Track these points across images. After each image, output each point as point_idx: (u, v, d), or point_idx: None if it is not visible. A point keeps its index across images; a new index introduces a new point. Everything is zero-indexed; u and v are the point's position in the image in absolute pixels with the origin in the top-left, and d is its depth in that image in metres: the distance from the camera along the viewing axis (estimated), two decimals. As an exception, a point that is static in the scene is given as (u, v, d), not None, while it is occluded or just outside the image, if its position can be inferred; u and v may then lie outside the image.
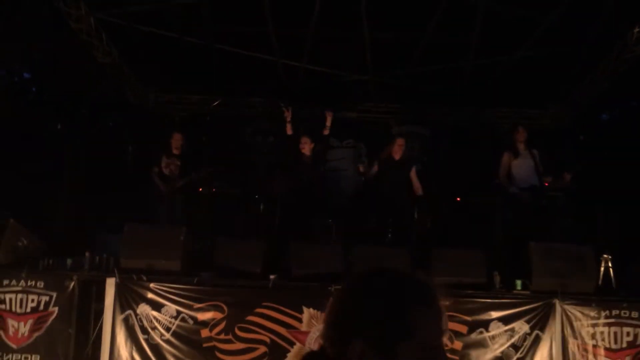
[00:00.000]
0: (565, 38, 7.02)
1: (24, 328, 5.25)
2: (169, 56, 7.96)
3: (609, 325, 5.21)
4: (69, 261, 5.59)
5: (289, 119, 7.20)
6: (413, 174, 7.01)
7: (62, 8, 6.46)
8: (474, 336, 5.22)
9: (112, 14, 6.94)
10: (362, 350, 1.09)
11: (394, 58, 7.96)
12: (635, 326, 5.22)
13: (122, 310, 5.34)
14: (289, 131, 7.24)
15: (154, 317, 5.34)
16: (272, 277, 5.47)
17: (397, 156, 6.97)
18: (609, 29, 6.74)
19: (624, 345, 5.19)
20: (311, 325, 5.32)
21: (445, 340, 1.17)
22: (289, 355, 5.27)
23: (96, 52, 7.30)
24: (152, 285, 5.39)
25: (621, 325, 5.22)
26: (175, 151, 7.33)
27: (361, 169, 7.35)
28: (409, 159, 7.22)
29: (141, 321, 5.34)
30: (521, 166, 6.84)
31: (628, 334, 5.22)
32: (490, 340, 5.22)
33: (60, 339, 5.25)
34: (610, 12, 6.37)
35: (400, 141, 7.06)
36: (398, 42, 7.61)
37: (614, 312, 5.23)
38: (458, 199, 7.93)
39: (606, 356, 5.16)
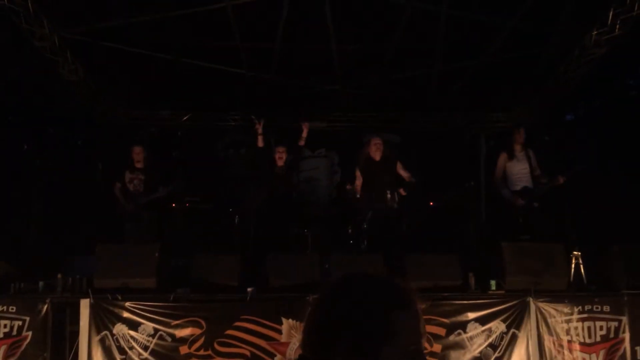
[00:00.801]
0: (527, 42, 7.20)
1: (-2, 354, 5.12)
2: (137, 72, 7.90)
3: (583, 320, 5.33)
4: (41, 284, 5.48)
5: (260, 131, 7.21)
6: (399, 167, 6.85)
7: (24, 27, 6.37)
8: (453, 338, 5.28)
9: (76, 31, 6.87)
10: (344, 354, 1.09)
11: (362, 67, 8.05)
12: (607, 320, 5.35)
13: (98, 331, 5.25)
14: (260, 143, 7.25)
15: (131, 337, 5.26)
16: (249, 289, 5.45)
17: (377, 157, 6.82)
18: (569, 32, 6.94)
19: (598, 339, 5.31)
20: (291, 336, 5.31)
21: (424, 343, 1.18)
22: (270, 367, 5.24)
23: (61, 69, 7.20)
24: (127, 304, 5.31)
25: (594, 319, 5.34)
26: (137, 165, 7.13)
27: (348, 186, 7.01)
28: (389, 155, 7.03)
29: (118, 341, 5.25)
30: (516, 168, 6.89)
31: (601, 328, 5.35)
32: (469, 341, 5.29)
33: (35, 364, 5.13)
34: (569, 16, 6.57)
35: (376, 140, 6.90)
36: (365, 52, 7.70)
37: (587, 307, 5.35)
38: (431, 203, 8.03)
39: (581, 351, 5.27)
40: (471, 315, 5.34)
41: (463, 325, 5.31)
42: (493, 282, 5.59)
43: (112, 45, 7.08)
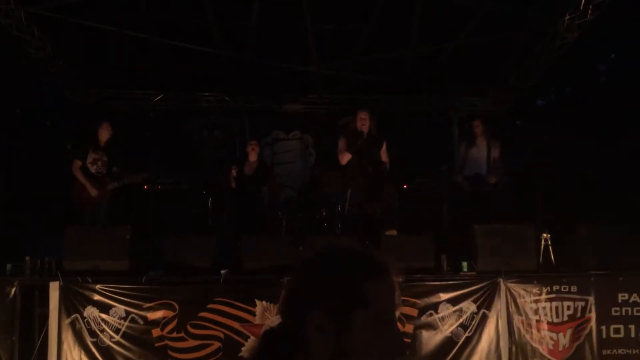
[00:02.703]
0: (502, 25, 7.23)
1: (-37, 338, 5.02)
2: (108, 50, 7.71)
3: (551, 300, 5.45)
4: (8, 267, 5.37)
5: (234, 175, 7.08)
6: (383, 148, 6.72)
7: (-12, 3, 6.16)
8: (424, 319, 5.35)
9: (44, 7, 6.65)
10: (319, 320, 1.12)
11: (338, 48, 8.00)
12: (575, 300, 5.48)
13: (68, 314, 5.18)
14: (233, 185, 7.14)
15: (102, 319, 5.20)
16: (223, 272, 5.42)
17: (366, 129, 6.55)
18: (543, 16, 7.00)
19: (565, 318, 5.44)
20: (265, 318, 5.31)
21: (397, 314, 1.20)
22: (244, 349, 5.24)
23: (28, 47, 7.00)
24: (98, 286, 5.24)
25: (562, 300, 5.46)
26: (102, 144, 6.75)
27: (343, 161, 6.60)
28: (377, 132, 6.86)
29: (89, 324, 5.19)
30: (474, 155, 7.13)
31: (569, 307, 5.47)
32: (440, 321, 5.36)
33: (3, 348, 5.05)
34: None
35: (362, 114, 6.60)
36: (341, 33, 7.64)
37: (555, 288, 5.47)
38: (405, 185, 8.07)
39: (549, 330, 5.40)
40: (443, 296, 5.41)
41: (435, 306, 5.38)
42: (465, 264, 5.66)
43: (82, 22, 6.88)
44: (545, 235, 5.75)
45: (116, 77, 8.59)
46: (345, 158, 6.58)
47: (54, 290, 5.16)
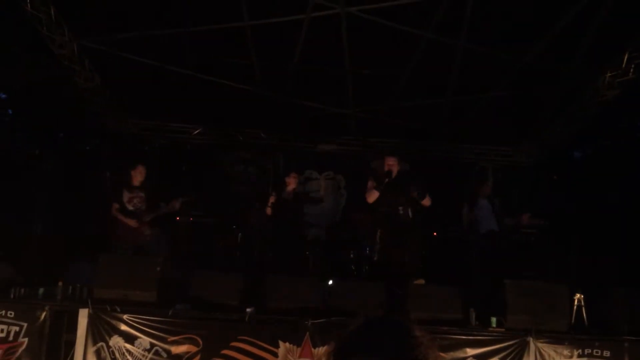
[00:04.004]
0: (540, 78, 7.23)
1: (-8, 359, 5.10)
2: (152, 84, 7.96)
3: (582, 363, 5.27)
4: (41, 291, 5.47)
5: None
6: (413, 190, 6.48)
7: (44, 34, 6.46)
8: (450, 373, 5.22)
9: (96, 40, 6.95)
10: None
11: (375, 93, 8.10)
12: (607, 365, 5.28)
13: (94, 342, 5.22)
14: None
15: (127, 350, 5.22)
16: (248, 310, 5.42)
17: (393, 173, 6.49)
18: (583, 71, 6.98)
19: (597, 383, 5.24)
20: (287, 360, 5.26)
21: None
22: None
23: (78, 77, 7.29)
24: (125, 316, 5.28)
25: (593, 364, 5.27)
26: (136, 184, 6.99)
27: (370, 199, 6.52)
28: (405, 175, 6.76)
29: (113, 354, 5.21)
30: (479, 213, 7.14)
31: (600, 372, 5.28)
32: (466, 377, 5.22)
33: (30, 371, 5.10)
34: (584, 56, 6.61)
35: (390, 160, 6.54)
36: (379, 78, 7.75)
37: (587, 351, 5.28)
38: (435, 234, 8.00)
39: (579, 395, 5.20)
40: (470, 351, 5.28)
41: (461, 361, 5.25)
42: (494, 319, 5.53)
43: (129, 56, 7.15)
44: (578, 295, 5.60)
45: (156, 109, 8.84)
46: (373, 196, 6.51)
47: (83, 317, 5.22)
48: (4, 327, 5.14)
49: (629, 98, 7.56)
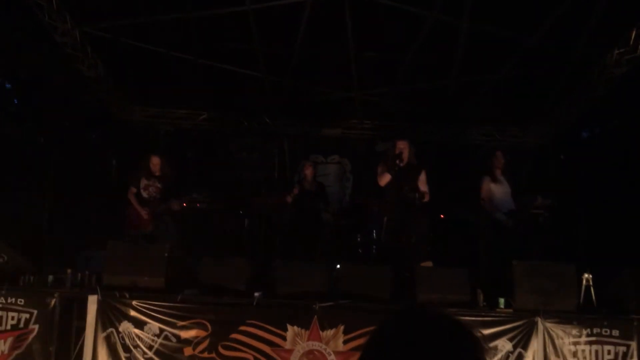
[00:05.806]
0: (547, 58, 7.15)
1: (4, 346, 5.14)
2: (155, 70, 7.94)
3: (590, 343, 5.25)
4: (50, 278, 5.49)
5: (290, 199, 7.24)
6: (422, 178, 6.49)
7: (46, 21, 6.43)
8: (458, 354, 5.22)
9: (98, 27, 6.92)
10: None
11: (379, 76, 8.04)
12: (615, 344, 5.26)
13: (104, 328, 5.26)
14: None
15: (137, 335, 5.26)
16: (256, 294, 5.43)
17: (404, 157, 6.40)
18: (590, 50, 6.88)
19: (605, 363, 5.24)
20: (295, 343, 5.28)
21: None
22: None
23: (81, 65, 7.27)
24: (134, 302, 5.31)
25: (602, 343, 5.26)
26: (155, 173, 7.10)
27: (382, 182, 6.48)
28: (418, 162, 6.64)
29: (123, 339, 5.25)
30: (499, 191, 6.85)
31: (609, 352, 5.26)
32: (474, 358, 5.22)
33: (41, 358, 5.15)
34: (591, 34, 6.51)
35: (401, 143, 6.41)
36: (383, 60, 7.69)
37: (595, 331, 5.27)
38: (442, 216, 7.97)
39: (588, 374, 5.20)
40: (478, 332, 5.27)
41: (469, 342, 5.24)
42: (502, 300, 5.51)
43: (132, 42, 7.12)
44: (586, 275, 5.56)
45: (161, 96, 8.82)
46: (385, 179, 6.45)
47: (92, 304, 5.25)
48: (15, 314, 5.19)
49: (638, 76, 7.43)
